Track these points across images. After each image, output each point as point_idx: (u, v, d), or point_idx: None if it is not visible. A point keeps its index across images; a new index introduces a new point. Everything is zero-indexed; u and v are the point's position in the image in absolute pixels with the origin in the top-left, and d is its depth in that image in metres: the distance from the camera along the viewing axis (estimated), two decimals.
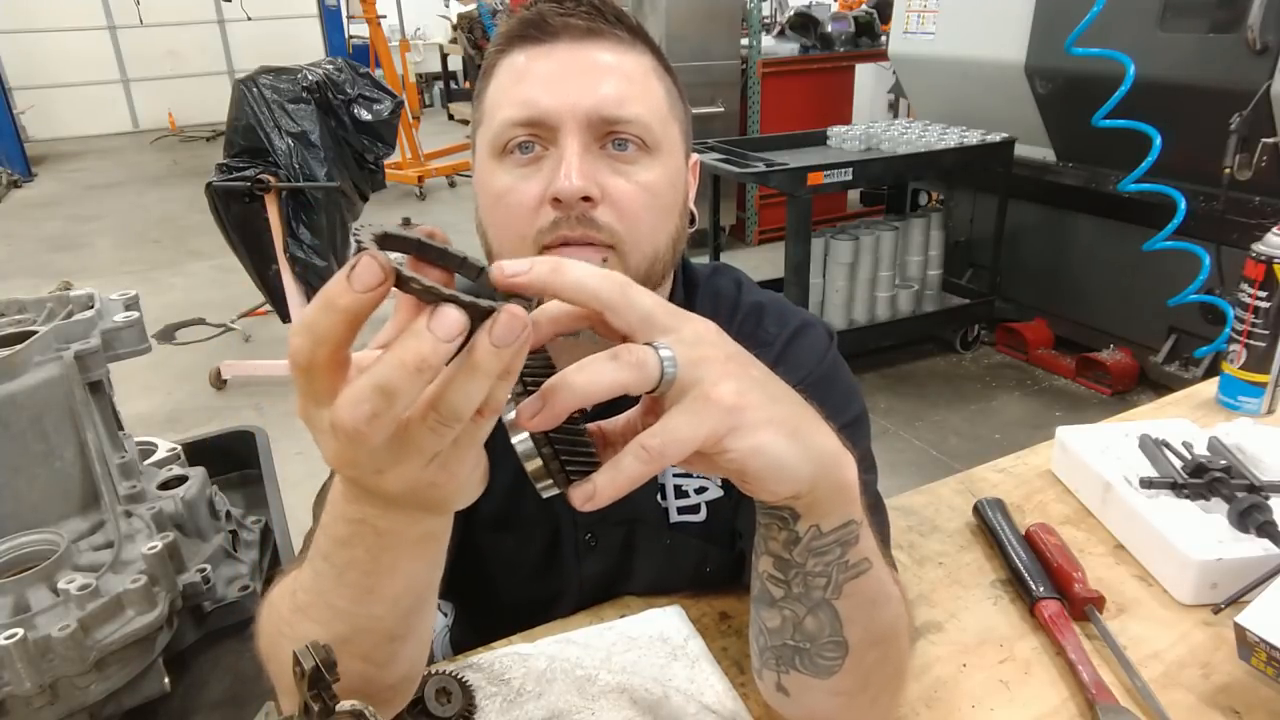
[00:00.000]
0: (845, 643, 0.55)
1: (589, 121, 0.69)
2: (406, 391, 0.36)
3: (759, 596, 0.58)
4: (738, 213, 5.43)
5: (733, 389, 0.43)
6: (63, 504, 0.89)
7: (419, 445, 0.38)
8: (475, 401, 0.38)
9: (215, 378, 3.63)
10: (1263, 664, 0.72)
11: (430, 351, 0.35)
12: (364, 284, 0.34)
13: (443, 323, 0.35)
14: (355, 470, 0.40)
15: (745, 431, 0.43)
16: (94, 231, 6.13)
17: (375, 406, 0.36)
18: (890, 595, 0.57)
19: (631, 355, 0.41)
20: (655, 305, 0.42)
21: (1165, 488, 0.92)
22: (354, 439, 0.37)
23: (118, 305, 1.01)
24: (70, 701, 0.77)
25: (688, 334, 0.43)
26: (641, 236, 0.71)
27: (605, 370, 0.40)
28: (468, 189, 7.16)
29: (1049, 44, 3.13)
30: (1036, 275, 3.71)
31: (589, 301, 0.41)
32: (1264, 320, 1.12)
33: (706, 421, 0.42)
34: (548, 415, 0.40)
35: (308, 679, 0.44)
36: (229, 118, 3.29)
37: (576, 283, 0.41)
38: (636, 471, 0.42)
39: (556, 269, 0.40)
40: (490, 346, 0.36)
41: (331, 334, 0.36)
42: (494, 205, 0.73)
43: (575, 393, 0.40)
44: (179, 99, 10.20)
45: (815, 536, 0.51)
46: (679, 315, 0.43)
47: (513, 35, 0.74)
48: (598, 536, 0.86)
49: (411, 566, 0.49)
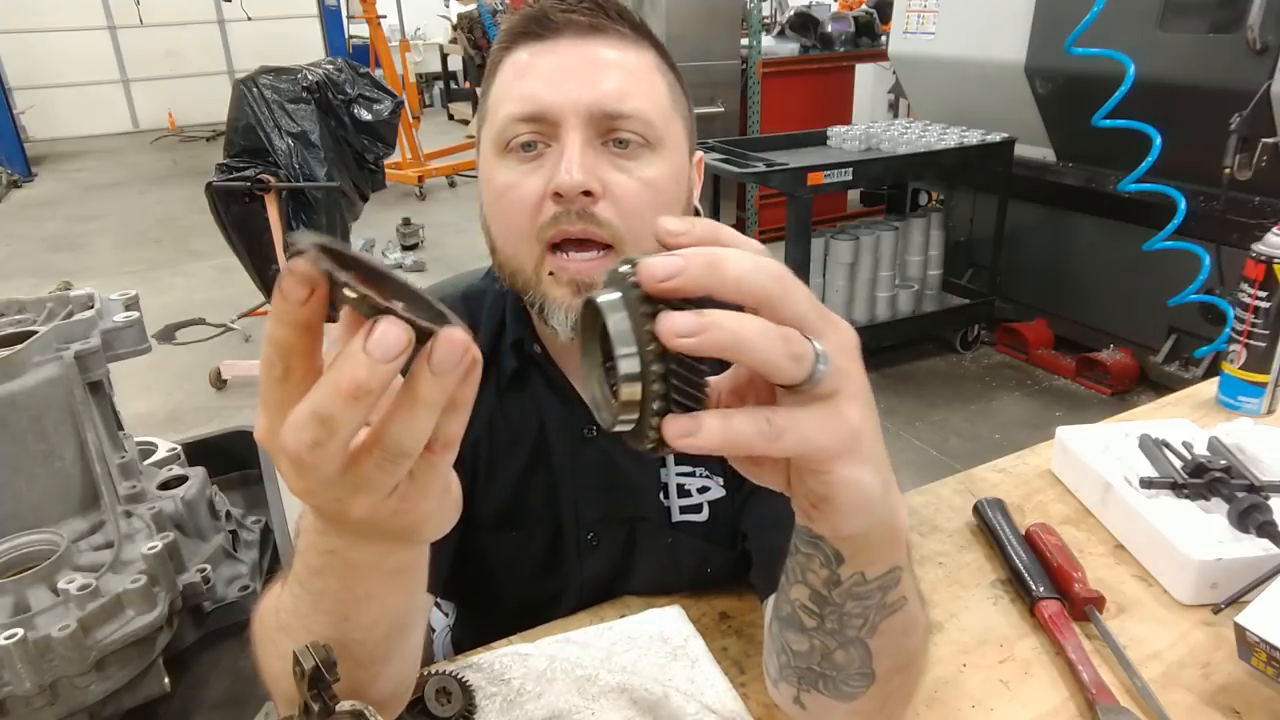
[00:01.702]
0: (873, 674, 0.55)
1: (590, 116, 0.70)
2: (345, 420, 0.33)
3: (787, 619, 0.57)
4: (738, 213, 5.43)
5: (859, 413, 0.40)
6: (63, 504, 0.89)
7: (368, 480, 0.36)
8: (421, 437, 0.35)
9: (215, 378, 3.63)
10: (1263, 664, 0.72)
11: (366, 376, 0.32)
12: (293, 295, 0.32)
13: (380, 343, 0.32)
14: (314, 500, 0.38)
15: (855, 460, 0.40)
16: (94, 231, 6.14)
17: (315, 435, 0.33)
18: (918, 623, 0.56)
19: (798, 346, 0.37)
20: (810, 306, 0.39)
21: (1165, 488, 0.92)
22: (300, 468, 0.35)
23: (118, 305, 1.00)
24: (70, 701, 0.77)
25: (834, 341, 0.39)
26: (642, 233, 0.71)
27: (772, 344, 0.36)
28: (467, 189, 7.19)
29: (1049, 44, 3.13)
30: (1036, 275, 3.71)
31: (748, 300, 0.37)
32: (1264, 320, 1.12)
33: (834, 436, 0.39)
34: (691, 342, 0.34)
35: (308, 679, 0.44)
36: (229, 118, 3.29)
37: (737, 281, 0.36)
38: (748, 437, 0.37)
39: (712, 266, 0.35)
40: (429, 375, 0.33)
41: (284, 344, 0.34)
42: (497, 201, 0.73)
43: (733, 341, 0.35)
44: (179, 99, 10.21)
45: (859, 583, 0.50)
46: (828, 319, 0.40)
47: (516, 32, 0.74)
48: (600, 536, 0.86)
49: (386, 597, 0.48)
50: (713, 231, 0.38)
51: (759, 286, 0.36)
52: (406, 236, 5.50)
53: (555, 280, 0.72)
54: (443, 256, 5.39)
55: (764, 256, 0.38)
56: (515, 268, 0.74)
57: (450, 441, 0.38)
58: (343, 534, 0.43)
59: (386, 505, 0.38)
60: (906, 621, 0.53)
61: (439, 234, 5.82)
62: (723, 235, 0.38)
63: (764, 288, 0.36)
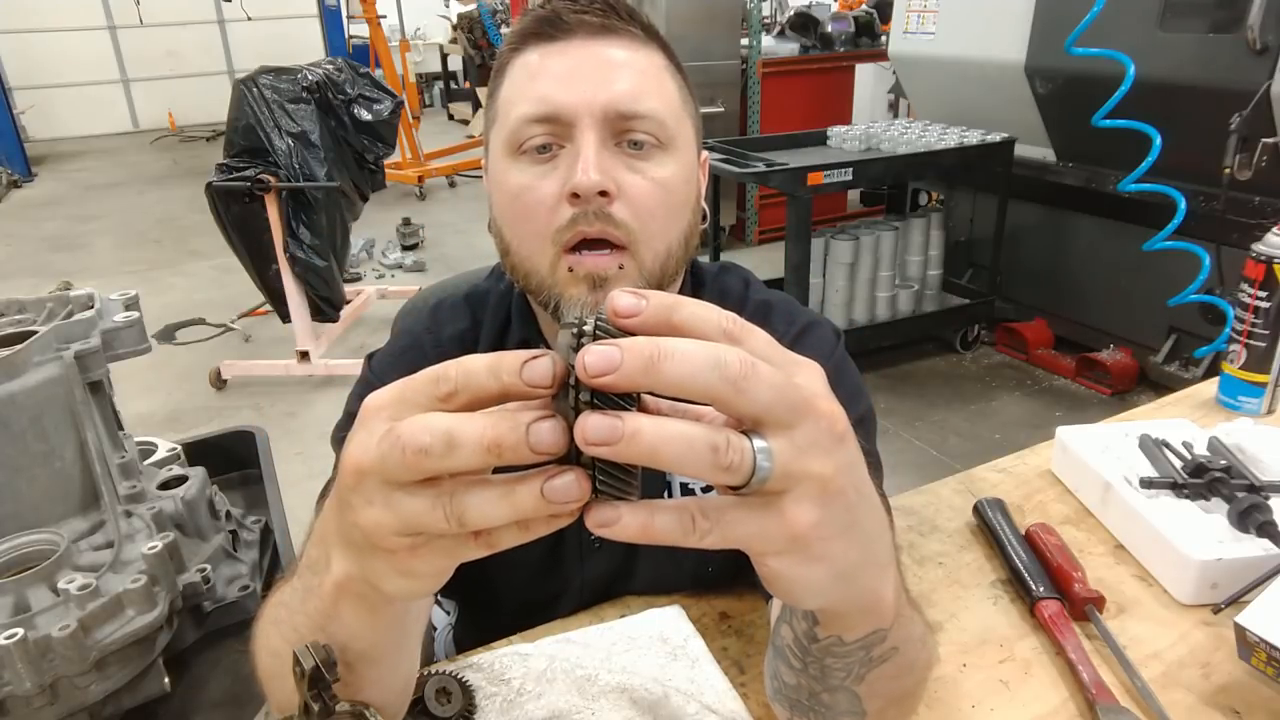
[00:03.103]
0: (864, 712, 0.54)
1: (605, 116, 0.69)
2: (464, 458, 0.33)
3: (778, 651, 0.56)
4: (738, 213, 5.44)
5: (811, 518, 0.36)
6: (63, 504, 0.89)
7: (415, 507, 0.36)
8: (483, 518, 0.35)
9: (215, 378, 3.63)
10: (1263, 664, 0.72)
11: (512, 445, 0.33)
12: (533, 378, 0.33)
13: (542, 439, 0.33)
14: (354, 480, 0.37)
15: (795, 561, 0.38)
16: (94, 231, 6.14)
17: (434, 444, 0.33)
18: (914, 665, 0.53)
19: (729, 456, 0.34)
20: (777, 399, 0.34)
21: (1165, 488, 0.92)
22: (391, 455, 0.35)
23: (118, 305, 1.00)
24: (70, 701, 0.77)
25: (802, 436, 0.35)
26: (655, 233, 0.71)
27: (699, 457, 0.33)
28: (467, 189, 7.20)
29: (1049, 44, 3.13)
30: (1036, 275, 3.71)
31: (694, 398, 0.34)
32: (1264, 320, 1.12)
33: (767, 539, 0.37)
34: (605, 450, 0.33)
35: (308, 679, 0.44)
36: (229, 118, 3.29)
37: (678, 382, 0.33)
38: (671, 535, 0.35)
39: (650, 366, 0.32)
40: (536, 493, 0.34)
41: (480, 389, 0.34)
42: (511, 203, 0.73)
43: (651, 454, 0.33)
44: (179, 99, 10.22)
45: (836, 644, 0.49)
46: (804, 407, 0.35)
47: (526, 33, 0.74)
48: (602, 538, 0.86)
49: (352, 622, 0.46)
50: (667, 311, 0.34)
51: (706, 387, 0.33)
52: (406, 236, 5.50)
53: (573, 277, 0.71)
54: (443, 256, 5.39)
55: (721, 344, 0.34)
56: (530, 269, 0.74)
57: (493, 545, 0.37)
58: (337, 546, 0.42)
59: (387, 540, 0.37)
60: (899, 668, 0.52)
61: (439, 234, 5.82)
62: (678, 317, 0.34)
63: (710, 389, 0.33)
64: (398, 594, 0.41)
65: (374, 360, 0.86)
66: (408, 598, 0.42)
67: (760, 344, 0.36)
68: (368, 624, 0.46)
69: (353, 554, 0.41)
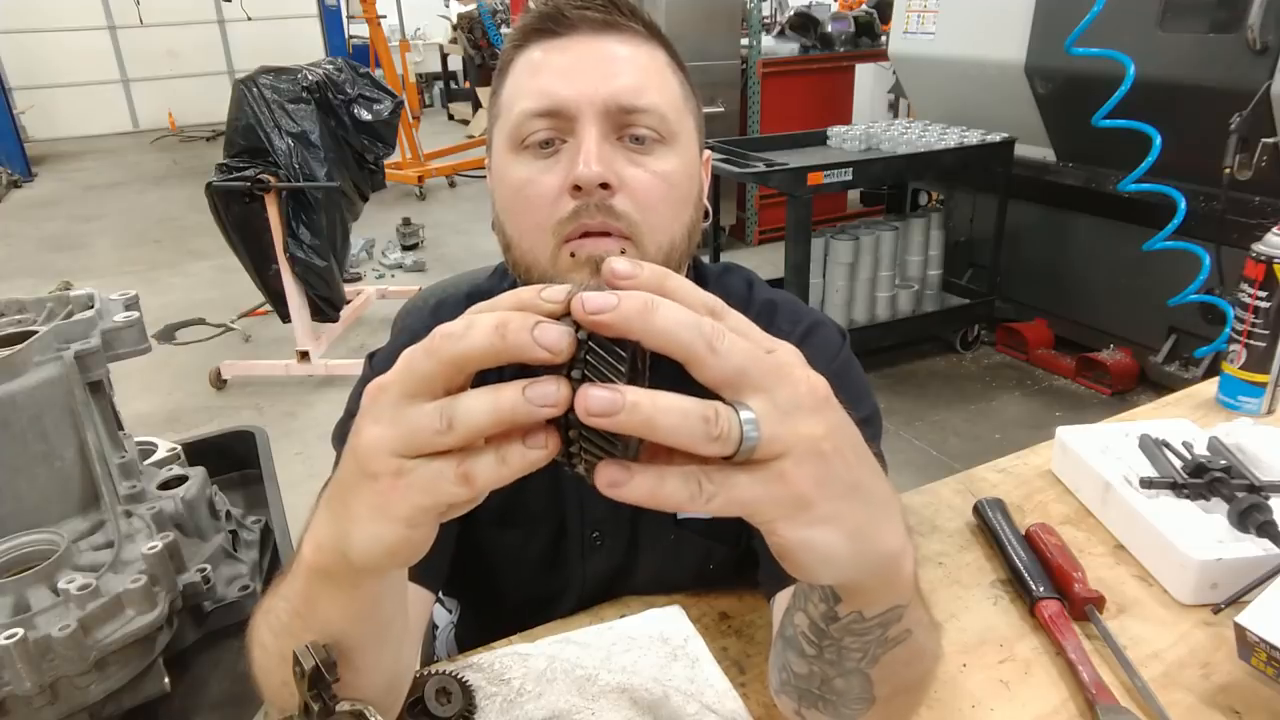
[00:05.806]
0: (874, 698, 0.55)
1: (606, 110, 0.70)
2: (476, 339, 0.36)
3: (789, 641, 0.57)
4: (738, 213, 5.43)
5: (811, 476, 0.38)
6: (63, 504, 0.89)
7: (414, 415, 0.38)
8: (469, 413, 0.36)
9: (215, 378, 3.63)
10: (1263, 664, 0.72)
11: (517, 329, 0.35)
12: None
13: (547, 334, 0.35)
14: (372, 398, 0.39)
15: (802, 524, 0.39)
16: (94, 231, 6.13)
17: (453, 328, 0.36)
18: (924, 652, 0.54)
19: (719, 426, 0.35)
20: (750, 360, 0.37)
21: (1165, 488, 0.92)
22: (415, 349, 0.38)
23: (118, 305, 1.01)
24: (70, 701, 0.77)
25: (784, 397, 0.37)
26: (658, 226, 0.71)
27: (692, 428, 0.35)
28: (467, 189, 7.20)
29: (1049, 44, 3.13)
30: (1036, 275, 3.71)
31: (674, 353, 0.36)
32: (1264, 320, 1.12)
33: (773, 502, 0.38)
34: (605, 421, 0.34)
35: (308, 679, 0.44)
36: (229, 118, 3.29)
37: (664, 332, 0.35)
38: (678, 498, 0.37)
39: (644, 312, 0.35)
40: (518, 392, 0.35)
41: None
42: (513, 197, 0.73)
43: (647, 425, 0.35)
44: (179, 99, 10.21)
45: (856, 620, 0.50)
46: (778, 372, 0.37)
47: (529, 30, 0.74)
48: (604, 535, 0.86)
49: (328, 607, 0.47)
50: (660, 278, 0.37)
51: (685, 344, 0.36)
52: (406, 236, 5.50)
53: (574, 262, 0.71)
54: (443, 256, 5.38)
55: (702, 316, 0.36)
56: (531, 261, 0.74)
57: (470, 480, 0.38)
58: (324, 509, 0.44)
59: (387, 461, 0.38)
60: (911, 652, 0.52)
61: (439, 234, 5.82)
62: (669, 284, 0.37)
63: (690, 346, 0.36)
64: (366, 550, 0.41)
65: (375, 360, 0.86)
66: (376, 560, 0.41)
67: (739, 323, 0.39)
68: (340, 605, 0.47)
69: (335, 505, 0.42)
